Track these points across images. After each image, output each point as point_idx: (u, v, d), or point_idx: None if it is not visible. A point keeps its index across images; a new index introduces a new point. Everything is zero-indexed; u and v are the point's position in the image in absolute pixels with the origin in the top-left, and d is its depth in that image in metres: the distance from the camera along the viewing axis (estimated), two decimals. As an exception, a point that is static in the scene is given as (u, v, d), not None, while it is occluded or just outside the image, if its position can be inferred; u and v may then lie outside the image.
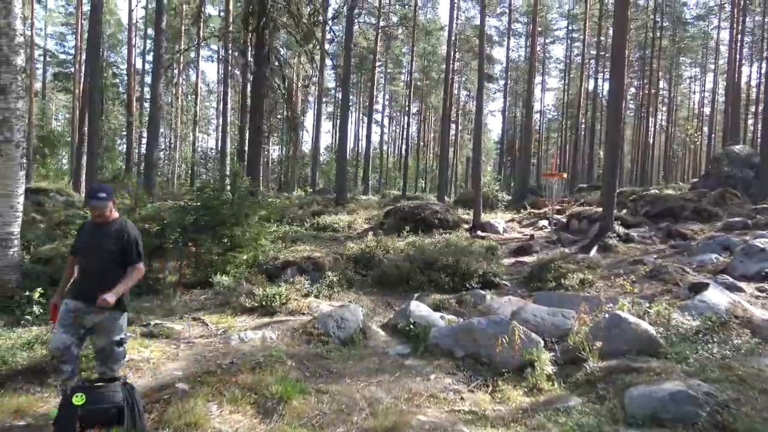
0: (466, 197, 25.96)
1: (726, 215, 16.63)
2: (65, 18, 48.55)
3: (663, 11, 46.88)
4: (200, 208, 9.95)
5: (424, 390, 5.06)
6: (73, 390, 3.44)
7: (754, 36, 45.40)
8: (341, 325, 6.58)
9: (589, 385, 5.14)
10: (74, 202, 21.70)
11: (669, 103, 58.33)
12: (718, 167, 23.37)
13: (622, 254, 13.05)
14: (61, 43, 52.50)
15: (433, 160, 65.42)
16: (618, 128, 15.44)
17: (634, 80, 53.39)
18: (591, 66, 48.76)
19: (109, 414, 3.46)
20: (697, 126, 62.27)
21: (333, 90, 59.47)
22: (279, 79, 20.24)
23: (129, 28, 41.12)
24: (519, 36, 54.68)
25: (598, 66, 45.76)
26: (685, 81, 64.96)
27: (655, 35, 46.53)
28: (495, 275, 10.62)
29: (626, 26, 15.69)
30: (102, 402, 3.48)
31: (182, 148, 47.31)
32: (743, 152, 24.56)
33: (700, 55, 58.60)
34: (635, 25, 45.65)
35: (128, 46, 41.62)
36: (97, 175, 20.53)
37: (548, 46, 59.12)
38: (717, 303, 7.05)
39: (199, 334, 6.50)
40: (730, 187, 20.52)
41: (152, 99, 22.46)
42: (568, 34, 55.56)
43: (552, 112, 74.01)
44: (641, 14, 47.45)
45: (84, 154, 21.32)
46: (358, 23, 40.06)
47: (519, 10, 49.39)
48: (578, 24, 49.65)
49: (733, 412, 4.07)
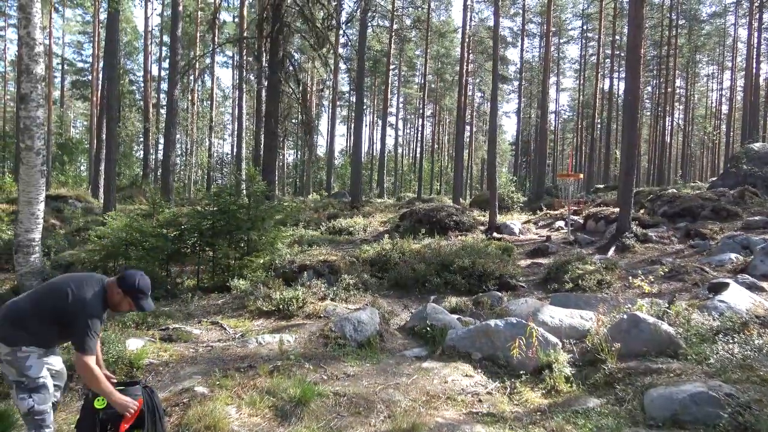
0: (482, 199, 25.89)
1: (746, 214, 16.41)
2: (82, 26, 49.14)
3: (678, 9, 46.44)
4: (217, 213, 10.03)
5: (442, 392, 5.06)
6: (94, 393, 3.47)
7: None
8: (358, 328, 6.59)
9: (608, 386, 5.10)
10: (93, 209, 21.99)
11: (686, 101, 57.69)
12: (737, 166, 23.07)
13: (640, 254, 12.95)
14: (78, 51, 53.18)
15: (447, 162, 65.30)
16: (634, 128, 15.31)
17: (650, 79, 52.93)
18: (606, 65, 48.49)
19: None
20: (716, 124, 61.61)
21: (347, 93, 59.63)
22: (293, 84, 20.35)
23: (145, 35, 41.52)
24: (533, 36, 54.47)
25: (613, 65, 45.45)
26: (703, 79, 64.32)
27: (671, 33, 46.14)
28: (511, 277, 10.59)
29: (641, 25, 15.55)
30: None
31: (198, 154, 47.69)
32: (763, 150, 24.22)
33: (717, 53, 57.95)
34: (650, 24, 45.33)
35: (144, 54, 42.03)
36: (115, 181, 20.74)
37: (563, 46, 58.79)
38: (737, 303, 6.98)
39: (217, 338, 6.55)
40: (750, 186, 20.25)
41: (168, 105, 22.71)
42: (582, 34, 55.20)
43: (567, 113, 73.59)
44: (656, 13, 47.07)
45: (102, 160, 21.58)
46: (372, 26, 40.13)
47: (532, 11, 49.18)
48: (593, 23, 49.35)
49: (755, 414, 4.01)
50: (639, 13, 15.13)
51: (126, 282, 3.56)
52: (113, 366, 4.90)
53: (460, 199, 30.47)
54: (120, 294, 3.57)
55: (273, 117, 18.22)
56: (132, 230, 9.70)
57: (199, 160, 47.93)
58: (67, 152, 41.31)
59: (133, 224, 9.86)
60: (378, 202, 30.55)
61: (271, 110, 18.29)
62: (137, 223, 9.93)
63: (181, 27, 22.66)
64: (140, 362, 5.22)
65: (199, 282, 9.91)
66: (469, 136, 55.84)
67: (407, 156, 71.67)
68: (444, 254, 11.24)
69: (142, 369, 5.18)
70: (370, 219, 20.42)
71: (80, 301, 3.42)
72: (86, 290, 3.47)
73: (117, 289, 3.56)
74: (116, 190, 22.17)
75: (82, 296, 3.44)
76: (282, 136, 35.70)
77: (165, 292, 8.94)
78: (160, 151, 39.21)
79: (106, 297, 3.57)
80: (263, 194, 10.80)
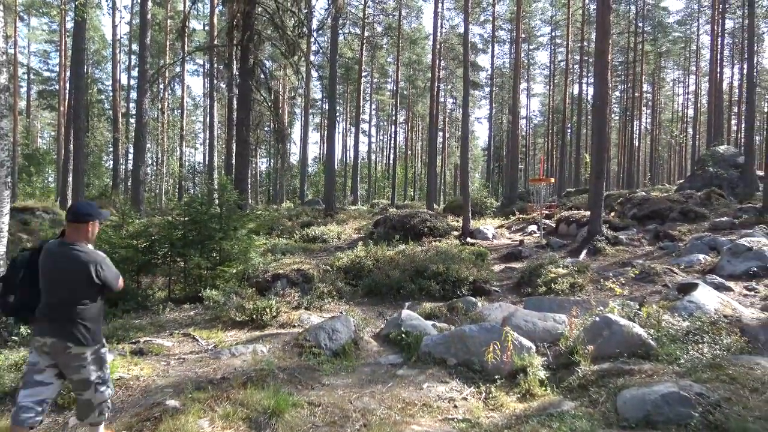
0: (455, 204, 26.02)
1: (712, 215, 16.79)
2: (49, 35, 48.30)
3: (644, 16, 47.49)
4: (188, 223, 9.90)
5: (417, 399, 5.05)
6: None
7: (735, 38, 46.06)
8: (332, 337, 6.55)
9: (582, 389, 5.14)
10: (61, 220, 21.54)
11: (653, 105, 58.91)
12: (704, 168, 23.63)
13: (611, 257, 13.14)
14: (44, 60, 52.19)
15: (421, 168, 65.59)
16: (603, 132, 15.54)
17: (618, 84, 53.89)
18: (575, 71, 49.26)
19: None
20: (682, 128, 62.96)
21: (320, 101, 59.62)
22: (265, 92, 20.24)
23: (113, 44, 40.97)
24: (503, 43, 55.08)
25: (582, 71, 46.19)
26: (669, 84, 65.78)
27: (637, 40, 47.15)
28: (485, 282, 10.65)
29: (608, 31, 15.84)
30: None
31: (169, 163, 47.16)
32: (728, 153, 24.84)
33: (682, 58, 59.32)
34: (617, 30, 46.22)
35: (113, 62, 41.45)
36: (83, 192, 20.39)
37: (532, 52, 59.55)
38: (706, 303, 7.10)
39: (190, 350, 6.45)
40: (716, 188, 20.74)
41: (138, 114, 22.39)
42: (551, 40, 56.02)
43: (538, 118, 74.54)
44: (623, 20, 48.08)
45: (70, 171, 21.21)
46: (343, 34, 40.18)
47: (502, 18, 49.75)
48: (561, 30, 50.12)
49: (725, 412, 4.08)
50: (605, 21, 15.40)
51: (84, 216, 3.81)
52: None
53: (434, 205, 30.61)
54: (87, 226, 3.79)
55: (245, 125, 18.07)
56: (100, 242, 9.50)
57: (170, 170, 47.39)
58: (34, 163, 40.44)
59: (101, 235, 9.67)
60: (352, 209, 30.52)
61: (243, 118, 18.15)
62: (106, 234, 9.74)
63: (150, 35, 22.42)
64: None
65: (171, 293, 9.76)
66: (441, 142, 56.22)
67: (381, 163, 71.82)
68: (418, 260, 11.26)
69: (112, 384, 5.06)
70: (344, 226, 20.37)
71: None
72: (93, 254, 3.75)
73: (79, 225, 3.76)
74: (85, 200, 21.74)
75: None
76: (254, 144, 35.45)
77: (135, 304, 8.77)
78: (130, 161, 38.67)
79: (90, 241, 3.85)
80: (235, 203, 10.70)
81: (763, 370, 4.77)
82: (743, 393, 4.37)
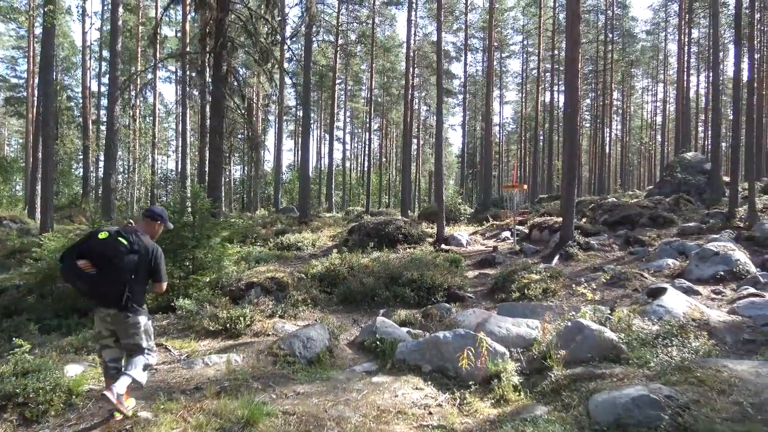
0: (430, 211, 26.11)
1: (681, 221, 17.12)
2: (16, 41, 47.40)
3: (613, 26, 48.42)
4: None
5: (392, 406, 5.05)
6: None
7: (701, 47, 47.18)
8: (307, 345, 6.53)
9: (555, 393, 5.19)
10: (29, 230, 21.14)
11: (623, 113, 59.97)
12: (672, 174, 24.10)
13: (583, 262, 13.31)
14: (12, 67, 51.13)
15: (395, 175, 65.73)
16: (574, 139, 15.77)
17: (588, 92, 54.76)
18: (546, 79, 49.91)
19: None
20: (651, 135, 64.24)
21: (294, 108, 59.44)
22: (238, 99, 20.12)
23: (83, 50, 40.39)
24: (476, 51, 55.57)
25: (553, 79, 46.81)
26: (638, 92, 67.08)
27: (606, 49, 48.00)
28: (460, 288, 10.70)
29: (578, 41, 16.11)
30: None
31: (141, 171, 46.47)
32: (695, 159, 25.38)
33: (650, 67, 60.61)
34: (587, 40, 47.03)
35: (83, 69, 40.84)
36: (53, 201, 20.02)
37: (505, 60, 60.13)
38: (675, 307, 7.24)
39: (162, 360, 6.37)
40: (684, 193, 21.18)
41: (108, 122, 22.07)
42: (523, 49, 56.70)
43: (511, 125, 75.25)
44: (592, 29, 48.94)
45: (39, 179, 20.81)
46: (317, 41, 40.20)
47: (475, 26, 50.23)
48: (533, 39, 50.77)
49: (693, 414, 4.15)
50: (575, 30, 15.67)
51: (153, 213, 4.97)
52: (50, 394, 4.69)
53: (409, 212, 30.69)
54: (154, 224, 4.94)
55: (218, 133, 17.94)
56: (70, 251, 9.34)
57: (142, 178, 46.72)
58: (1, 172, 39.60)
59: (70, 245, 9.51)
60: (327, 216, 30.42)
61: (216, 126, 18.01)
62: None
63: (121, 42, 22.16)
64: (79, 389, 5.01)
65: (143, 303, 9.62)
66: (416, 149, 56.42)
67: (355, 170, 71.77)
68: (393, 267, 11.28)
69: (81, 396, 4.97)
70: (318, 234, 20.30)
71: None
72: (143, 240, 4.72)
73: (149, 221, 4.92)
74: (54, 209, 21.37)
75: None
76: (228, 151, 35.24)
77: (106, 314, 8.63)
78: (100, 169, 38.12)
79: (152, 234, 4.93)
80: (209, 211, 10.61)
81: (730, 372, 4.86)
82: (711, 395, 4.45)
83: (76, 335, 7.17)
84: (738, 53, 18.01)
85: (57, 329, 7.90)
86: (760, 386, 4.54)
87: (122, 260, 4.53)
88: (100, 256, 4.52)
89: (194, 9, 20.01)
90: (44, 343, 6.85)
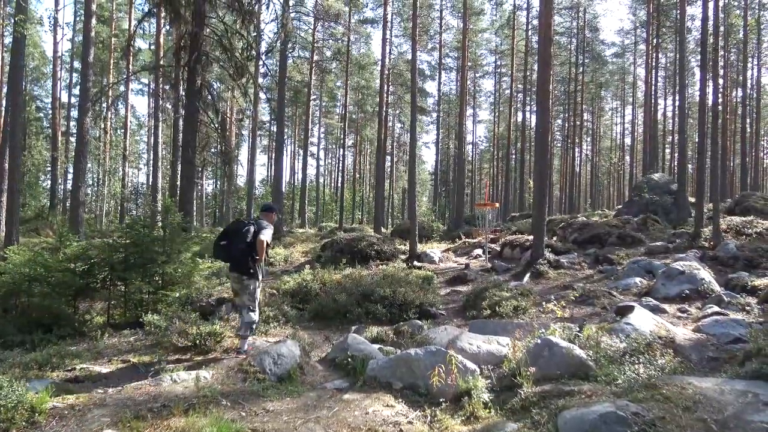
0: (403, 228, 26.17)
1: (648, 240, 17.44)
2: (-16, 50, 46.59)
3: (583, 49, 49.52)
4: (130, 246, 9.64)
5: (363, 424, 5.03)
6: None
7: (668, 71, 48.45)
8: (278, 362, 6.48)
9: (525, 410, 5.21)
10: (-6, 242, 20.58)
11: (593, 134, 61.14)
12: (640, 194, 24.56)
13: (553, 280, 13.46)
14: (-21, 76, 50.14)
15: (369, 191, 65.88)
16: (545, 159, 16.02)
17: (560, 113, 55.75)
18: (519, 99, 50.69)
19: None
20: (620, 155, 65.54)
21: (268, 123, 59.24)
22: (212, 113, 20.02)
23: (54, 61, 39.91)
24: (450, 70, 56.18)
25: (525, 99, 47.58)
26: (608, 113, 68.59)
27: (577, 71, 49.03)
28: (432, 305, 10.73)
29: (550, 62, 16.44)
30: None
31: (111, 184, 45.75)
32: (662, 180, 25.93)
33: (619, 89, 62.03)
34: (558, 61, 48.02)
35: (53, 80, 40.32)
36: (18, 213, 19.59)
37: (478, 80, 60.91)
38: (642, 325, 7.36)
39: (129, 377, 6.26)
40: (652, 213, 21.59)
41: (78, 133, 21.72)
42: (496, 69, 57.52)
43: (484, 144, 76.19)
44: (564, 51, 49.98)
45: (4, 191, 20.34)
46: (292, 57, 40.33)
47: (449, 46, 50.86)
48: (506, 59, 51.56)
49: (659, 431, 4.22)
50: (547, 52, 15.99)
51: (269, 206, 7.83)
52: (11, 412, 4.57)
53: (382, 228, 30.71)
54: (270, 214, 7.57)
55: (190, 147, 17.80)
56: (36, 265, 9.15)
57: (111, 191, 45.97)
58: (-36, 182, 38.65)
59: (37, 259, 9.32)
60: (299, 232, 30.32)
61: (189, 140, 17.87)
62: (42, 257, 9.39)
63: (94, 53, 21.88)
64: (43, 406, 4.88)
65: (110, 318, 9.46)
66: (389, 166, 56.70)
67: (329, 186, 71.78)
68: (365, 284, 11.27)
69: (44, 413, 4.85)
70: (291, 249, 20.21)
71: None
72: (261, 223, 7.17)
73: (268, 213, 7.54)
74: (20, 222, 20.89)
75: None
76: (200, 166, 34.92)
77: (72, 330, 8.46)
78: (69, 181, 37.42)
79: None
80: (180, 225, 10.50)
81: (695, 389, 4.96)
82: (676, 412, 4.52)
83: (40, 351, 7.00)
84: (703, 78, 18.48)
85: (20, 345, 7.69)
86: (724, 403, 4.64)
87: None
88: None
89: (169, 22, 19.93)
90: (6, 360, 6.68)
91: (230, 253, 6.98)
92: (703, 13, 18.01)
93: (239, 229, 6.97)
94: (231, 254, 6.98)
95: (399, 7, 46.11)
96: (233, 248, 6.89)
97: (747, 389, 4.96)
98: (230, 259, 7.09)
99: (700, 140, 18.65)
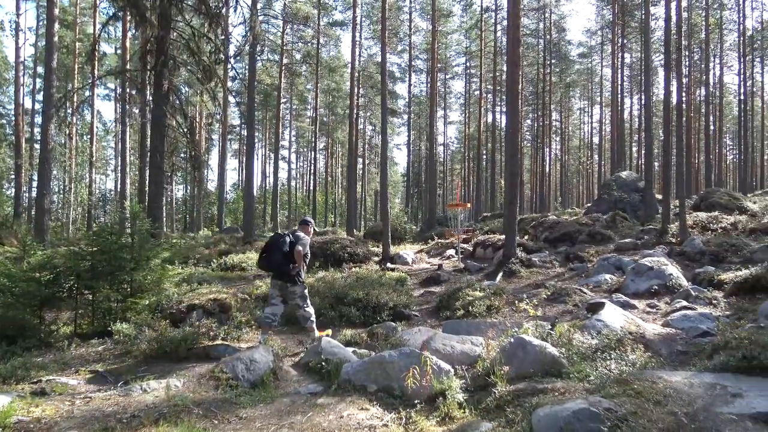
0: (376, 230, 26.13)
1: (617, 237, 17.70)
2: (-56, 56, 45.43)
3: (551, 50, 50.15)
4: (97, 253, 9.43)
5: (338, 428, 4.98)
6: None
7: (633, 71, 49.34)
8: (251, 368, 6.39)
9: (499, 409, 5.21)
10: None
11: (562, 133, 61.95)
12: (609, 192, 24.94)
13: (526, 279, 13.56)
14: (-62, 82, 48.89)
15: (341, 194, 65.77)
16: (515, 159, 16.15)
17: (529, 113, 56.34)
18: (489, 100, 51.12)
19: None
20: (588, 154, 66.50)
21: (238, 127, 58.80)
22: (180, 118, 19.73)
23: (16, 66, 38.97)
24: (420, 72, 56.38)
25: (495, 100, 47.99)
26: (576, 113, 69.58)
27: (545, 72, 49.61)
28: (405, 307, 10.72)
29: (518, 63, 16.57)
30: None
31: (78, 191, 44.86)
32: (630, 178, 26.37)
33: (587, 89, 62.95)
34: (527, 62, 48.52)
35: (15, 85, 39.34)
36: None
37: (448, 81, 61.17)
38: (613, 321, 7.43)
39: (97, 388, 6.11)
40: (620, 211, 21.93)
41: (43, 140, 21.26)
42: (466, 70, 57.86)
43: (455, 145, 76.62)
44: (532, 52, 50.54)
45: (-34, 200, 19.86)
46: (261, 61, 40.10)
47: (419, 48, 51.06)
48: (475, 61, 51.93)
49: (631, 425, 4.24)
50: (515, 53, 16.13)
51: (306, 221, 8.77)
52: None
53: (355, 231, 30.63)
54: (307, 227, 8.62)
55: (159, 152, 17.52)
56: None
57: (78, 198, 45.08)
58: (-77, 191, 37.64)
59: (0, 268, 9.07)
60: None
61: (157, 145, 17.59)
62: (5, 267, 9.13)
63: (57, 58, 21.47)
64: (7, 421, 4.74)
65: (77, 328, 9.25)
66: (361, 168, 56.67)
67: (301, 189, 71.45)
68: (338, 287, 11.22)
69: (9, 428, 4.71)
70: (263, 254, 19.99)
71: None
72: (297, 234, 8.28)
73: (304, 226, 8.60)
74: (-18, 231, 20.37)
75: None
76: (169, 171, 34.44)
77: (38, 341, 8.24)
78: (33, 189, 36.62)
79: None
80: (148, 232, 10.30)
81: (665, 383, 5.02)
82: (648, 406, 4.57)
83: (4, 363, 6.81)
84: (667, 77, 18.81)
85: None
86: (693, 396, 4.70)
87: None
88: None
89: (135, 26, 19.59)
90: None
91: (271, 264, 8.14)
92: (666, 13, 18.33)
93: (276, 241, 8.10)
94: (271, 265, 8.14)
95: (368, 9, 46.25)
96: (272, 259, 8.02)
97: (715, 381, 5.03)
98: (271, 269, 8.25)
99: (666, 138, 18.98)
